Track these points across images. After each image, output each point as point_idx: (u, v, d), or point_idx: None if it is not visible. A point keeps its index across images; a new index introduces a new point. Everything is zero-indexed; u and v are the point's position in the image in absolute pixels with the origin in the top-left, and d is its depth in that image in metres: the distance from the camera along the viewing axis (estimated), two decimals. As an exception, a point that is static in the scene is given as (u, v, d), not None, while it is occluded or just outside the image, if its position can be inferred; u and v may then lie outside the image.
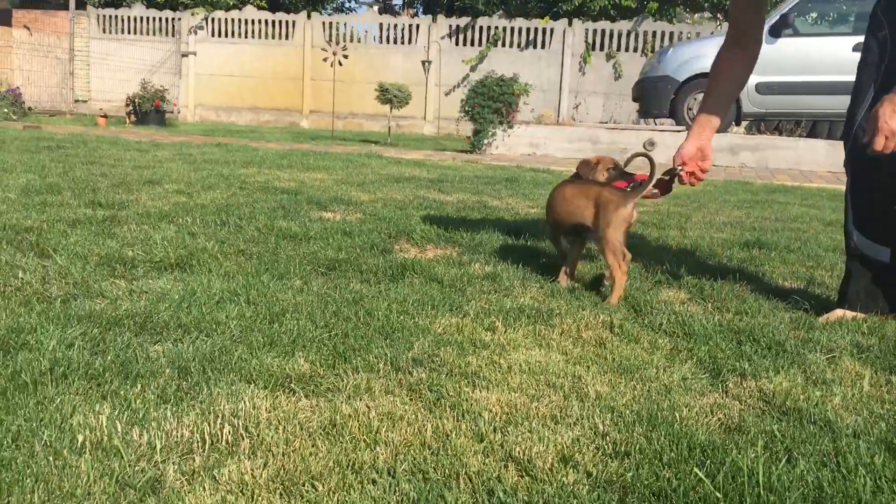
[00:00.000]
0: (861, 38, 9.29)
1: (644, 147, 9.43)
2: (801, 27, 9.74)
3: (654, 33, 14.58)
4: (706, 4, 15.44)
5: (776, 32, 9.30)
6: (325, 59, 11.15)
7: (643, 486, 1.32)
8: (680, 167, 2.62)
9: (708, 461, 1.40)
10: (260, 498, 1.24)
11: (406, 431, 1.51)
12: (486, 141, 9.65)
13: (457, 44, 15.53)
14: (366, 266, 2.91)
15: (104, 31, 16.91)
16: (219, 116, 16.56)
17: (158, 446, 1.38)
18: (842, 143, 2.56)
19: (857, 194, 2.48)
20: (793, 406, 1.71)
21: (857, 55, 9.46)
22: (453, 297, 2.53)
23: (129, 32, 16.84)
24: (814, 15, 10.59)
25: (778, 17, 9.34)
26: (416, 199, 4.85)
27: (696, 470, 1.34)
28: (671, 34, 14.38)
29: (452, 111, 12.97)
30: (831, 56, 8.98)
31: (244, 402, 1.58)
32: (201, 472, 1.31)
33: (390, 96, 10.80)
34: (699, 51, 9.72)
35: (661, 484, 1.32)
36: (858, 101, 2.47)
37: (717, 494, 1.28)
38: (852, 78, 2.53)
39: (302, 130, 14.52)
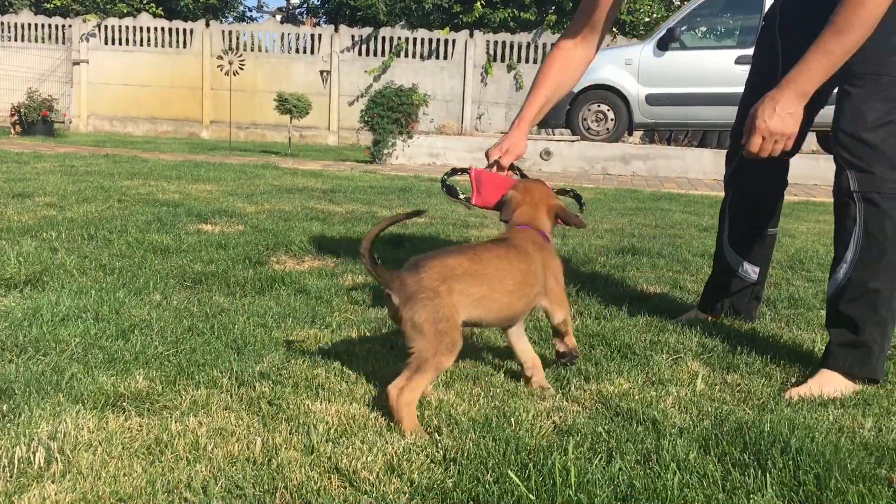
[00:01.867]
0: (744, 52, 9.62)
1: (540, 156, 9.62)
2: (688, 41, 10.14)
3: (553, 45, 14.91)
4: (602, 18, 15.90)
5: (664, 46, 9.66)
6: (220, 68, 10.93)
7: (462, 491, 1.34)
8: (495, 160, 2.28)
9: (531, 464, 1.43)
10: (57, 523, 1.19)
11: (234, 447, 1.48)
12: (385, 151, 9.65)
13: (360, 54, 15.50)
14: (234, 279, 2.85)
15: (-12, 38, 16.12)
16: (114, 127, 16.01)
17: (-42, 473, 1.31)
18: (725, 151, 2.56)
19: (735, 212, 2.54)
20: (626, 407, 1.76)
21: (741, 67, 9.84)
22: (318, 309, 2.51)
23: (16, 39, 16.10)
24: (702, 29, 11.05)
25: (665, 30, 9.71)
26: (303, 210, 4.80)
27: (509, 472, 1.36)
28: (569, 46, 14.73)
29: (355, 121, 12.91)
30: (716, 68, 9.39)
31: (66, 424, 1.52)
32: (0, 500, 1.25)
33: (289, 106, 10.67)
34: (592, 63, 9.99)
35: (479, 488, 1.34)
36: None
37: (531, 497, 1.30)
38: (736, 90, 2.51)
39: (201, 141, 14.18)
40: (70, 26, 16.01)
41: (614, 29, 15.71)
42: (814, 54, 1.87)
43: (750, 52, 9.78)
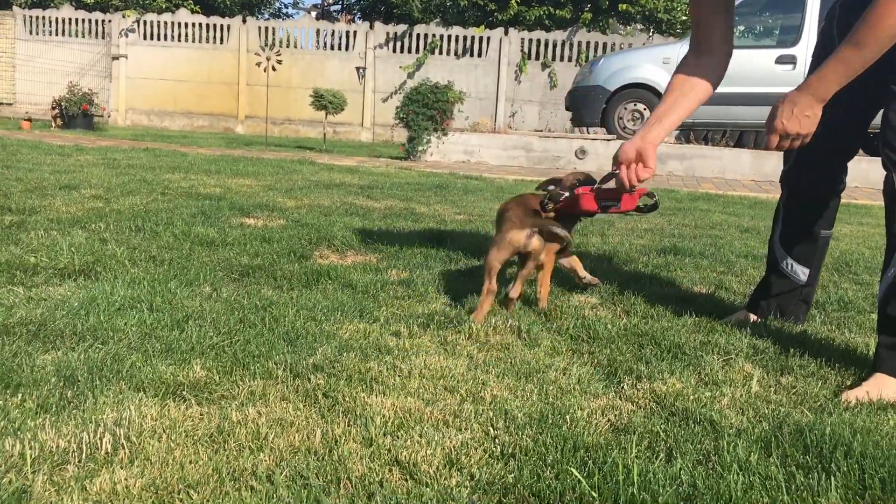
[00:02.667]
0: (784, 51, 9.47)
1: (576, 155, 9.58)
2: (727, 40, 10.01)
3: (588, 43, 14.84)
4: (638, 16, 15.78)
5: (702, 45, 9.55)
6: (258, 64, 11.03)
7: (523, 486, 1.34)
8: (615, 170, 2.33)
9: (590, 461, 1.42)
10: (130, 507, 1.21)
11: (294, 438, 1.50)
12: (420, 148, 9.67)
13: (394, 51, 15.54)
14: (280, 272, 2.88)
15: (30, 33, 16.43)
16: (151, 121, 16.23)
17: (30, 457, 1.34)
18: (765, 152, 2.59)
19: (789, 211, 2.53)
20: (682, 406, 1.75)
21: (781, 67, 9.70)
22: (365, 303, 2.53)
23: (57, 34, 16.39)
24: (741, 28, 10.92)
25: (704, 29, 9.59)
26: (342, 206, 4.83)
27: (572, 469, 1.36)
28: (604, 45, 14.66)
29: (389, 118, 12.98)
30: (755, 68, 9.28)
31: (129, 411, 1.55)
32: (72, 483, 1.27)
33: (325, 102, 10.73)
34: (629, 61, 9.93)
35: (541, 484, 1.34)
36: None
37: (594, 494, 1.30)
38: (776, 89, 2.52)
39: (237, 136, 14.32)
40: (109, 21, 16.26)
41: (651, 28, 15.59)
42: (832, 62, 1.93)
43: (790, 51, 9.66)
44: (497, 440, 1.53)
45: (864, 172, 8.31)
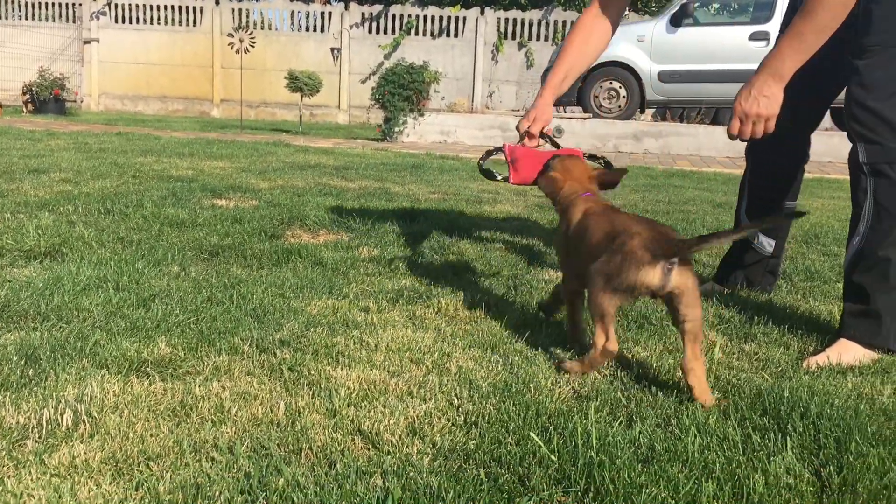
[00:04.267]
0: (758, 28, 9.49)
1: (552, 135, 9.57)
2: (701, 17, 10.04)
3: (565, 22, 14.79)
4: (614, -5, 15.72)
5: (677, 22, 9.58)
6: (230, 45, 10.91)
7: (484, 452, 1.35)
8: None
9: (551, 427, 1.44)
10: (89, 479, 1.21)
11: (257, 410, 1.50)
12: (396, 129, 9.63)
13: (370, 32, 15.42)
14: (250, 251, 2.87)
15: (-1, 17, 16.12)
16: (125, 105, 16.02)
17: (-12, 433, 1.33)
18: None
19: (753, 184, 2.55)
20: (644, 374, 1.77)
21: (755, 43, 9.71)
22: (334, 280, 2.53)
23: (26, 18, 16.08)
24: (715, 5, 10.94)
25: (678, 6, 9.62)
26: (316, 186, 4.81)
27: (532, 435, 1.37)
28: (581, 24, 14.60)
29: (366, 99, 12.88)
30: (730, 45, 9.31)
31: (91, 387, 1.54)
32: (30, 458, 1.27)
33: (300, 84, 10.64)
34: (605, 39, 9.91)
35: (501, 450, 1.35)
36: None
37: (552, 458, 1.32)
38: (750, 66, 2.50)
39: (212, 120, 14.18)
40: (80, 4, 15.97)
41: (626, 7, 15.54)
42: (786, 37, 1.91)
43: (763, 28, 9.69)
44: (460, 409, 1.55)
45: (836, 148, 8.38)
